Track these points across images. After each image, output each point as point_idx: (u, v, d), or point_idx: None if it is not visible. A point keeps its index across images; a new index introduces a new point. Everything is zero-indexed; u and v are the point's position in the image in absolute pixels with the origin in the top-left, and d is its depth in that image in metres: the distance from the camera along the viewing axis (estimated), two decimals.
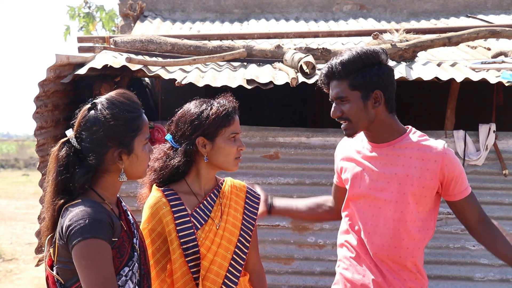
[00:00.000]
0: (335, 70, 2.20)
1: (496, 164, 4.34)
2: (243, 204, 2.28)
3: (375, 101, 2.20)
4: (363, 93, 2.18)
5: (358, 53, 2.18)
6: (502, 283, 4.29)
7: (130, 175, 1.88)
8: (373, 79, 2.18)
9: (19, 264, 8.43)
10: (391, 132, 2.26)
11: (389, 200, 2.22)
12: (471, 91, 5.30)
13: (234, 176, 4.29)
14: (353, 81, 2.18)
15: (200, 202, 2.19)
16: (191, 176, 2.21)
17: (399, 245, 2.23)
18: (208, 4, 6.64)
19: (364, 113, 2.20)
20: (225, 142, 2.17)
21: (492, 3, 6.56)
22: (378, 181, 2.25)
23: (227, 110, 2.18)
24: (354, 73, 2.18)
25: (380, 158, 2.26)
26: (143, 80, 5.72)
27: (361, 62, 2.17)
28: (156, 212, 2.13)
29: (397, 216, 2.22)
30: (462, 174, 2.25)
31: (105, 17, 10.68)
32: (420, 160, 2.21)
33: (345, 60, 2.18)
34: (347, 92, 2.19)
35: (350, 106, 2.20)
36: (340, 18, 6.56)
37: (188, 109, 2.19)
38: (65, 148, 1.81)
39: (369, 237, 2.26)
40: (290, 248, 4.35)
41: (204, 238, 2.14)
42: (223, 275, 2.14)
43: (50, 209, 1.81)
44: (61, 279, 1.79)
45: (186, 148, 2.14)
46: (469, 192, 2.27)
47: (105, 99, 1.84)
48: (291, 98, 6.95)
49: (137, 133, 1.84)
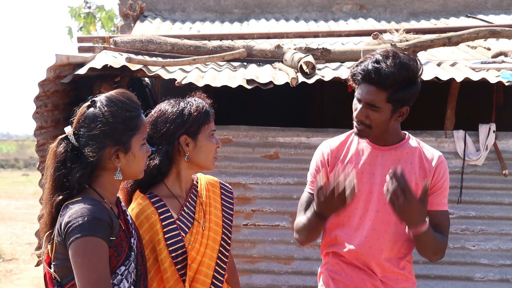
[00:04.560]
0: (382, 79, 2.10)
1: (496, 164, 4.34)
2: (220, 201, 2.26)
3: (399, 115, 2.19)
4: (394, 107, 2.15)
5: (406, 66, 2.10)
6: (502, 283, 4.29)
7: (127, 174, 1.88)
8: (409, 96, 2.14)
9: (19, 264, 8.43)
10: (394, 136, 2.27)
11: (386, 202, 2.22)
12: (471, 91, 5.30)
13: (235, 176, 4.35)
14: (392, 95, 2.12)
15: (183, 204, 2.16)
16: (171, 178, 2.16)
17: (392, 247, 2.24)
18: (208, 4, 6.64)
19: (387, 124, 2.18)
20: (206, 139, 2.15)
21: (492, 3, 6.56)
22: (379, 184, 2.24)
23: (205, 107, 2.17)
24: (396, 86, 2.11)
25: (381, 160, 2.25)
26: (143, 80, 5.71)
27: (406, 76, 2.11)
28: (145, 220, 2.07)
29: (393, 218, 2.21)
30: (447, 189, 2.26)
31: (105, 17, 10.68)
32: (418, 167, 2.24)
33: (396, 73, 2.09)
34: (382, 103, 2.13)
35: (378, 116, 2.15)
36: (340, 18, 6.56)
37: (165, 109, 2.14)
38: (63, 145, 1.82)
39: (368, 240, 2.25)
40: (290, 248, 4.36)
41: (193, 241, 2.11)
42: (211, 275, 2.13)
43: (48, 205, 1.82)
44: (57, 276, 1.79)
45: (168, 148, 2.10)
46: (444, 208, 2.26)
47: (105, 97, 1.85)
48: (291, 98, 6.95)
49: (135, 132, 1.84)
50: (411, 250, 2.29)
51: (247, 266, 4.33)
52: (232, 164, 4.37)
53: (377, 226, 2.24)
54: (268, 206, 4.36)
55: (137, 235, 1.95)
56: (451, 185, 4.29)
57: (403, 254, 2.28)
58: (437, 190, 2.24)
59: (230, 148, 4.35)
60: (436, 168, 2.23)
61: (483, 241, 4.32)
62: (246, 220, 4.35)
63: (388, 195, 2.03)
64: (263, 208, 4.36)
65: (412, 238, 2.16)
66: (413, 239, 2.16)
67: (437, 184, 2.24)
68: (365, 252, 2.25)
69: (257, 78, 4.03)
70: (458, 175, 4.32)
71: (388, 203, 2.16)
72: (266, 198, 4.37)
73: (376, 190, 2.25)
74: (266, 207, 4.37)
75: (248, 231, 4.35)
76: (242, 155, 4.39)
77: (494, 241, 4.31)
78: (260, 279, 4.35)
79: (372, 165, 2.26)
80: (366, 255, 2.25)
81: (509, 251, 4.30)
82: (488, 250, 4.31)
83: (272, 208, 4.36)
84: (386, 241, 2.24)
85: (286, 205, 4.34)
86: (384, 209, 2.23)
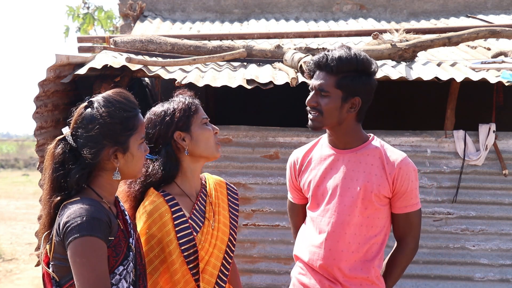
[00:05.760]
0: (329, 62, 2.19)
1: (496, 164, 4.34)
2: (227, 201, 2.28)
3: (351, 106, 2.22)
4: (344, 95, 2.20)
5: (356, 55, 2.19)
6: (502, 283, 4.29)
7: (125, 174, 1.88)
8: (359, 85, 2.19)
9: (19, 264, 8.43)
10: (355, 138, 2.28)
11: (349, 205, 2.24)
12: (471, 91, 5.31)
13: (235, 176, 4.34)
14: (341, 80, 2.18)
15: (194, 203, 2.18)
16: (180, 177, 2.18)
17: (355, 250, 2.24)
18: (208, 4, 6.64)
19: (337, 112, 2.21)
20: (200, 128, 2.16)
21: (492, 3, 6.56)
22: (339, 187, 2.26)
23: (187, 99, 2.19)
24: (345, 72, 2.18)
25: (342, 164, 2.27)
26: (143, 80, 5.71)
27: (355, 64, 2.18)
28: (158, 219, 2.07)
29: (355, 221, 2.23)
30: (413, 191, 2.26)
31: (103, 17, 10.69)
32: (380, 168, 2.24)
33: (342, 56, 2.18)
34: (331, 88, 2.20)
35: (328, 101, 2.20)
36: (340, 18, 6.56)
37: (150, 115, 2.18)
38: (61, 145, 1.82)
39: (328, 243, 2.26)
40: (290, 248, 4.33)
41: (204, 241, 2.12)
42: (216, 274, 2.14)
43: (46, 206, 1.82)
44: (56, 276, 1.79)
45: (167, 148, 2.12)
46: (411, 210, 2.27)
47: (102, 97, 1.85)
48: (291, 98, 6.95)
49: (132, 132, 1.85)
50: (379, 254, 2.27)
51: (247, 266, 4.33)
52: (232, 164, 4.37)
53: (336, 228, 2.24)
54: (268, 206, 4.36)
55: (136, 235, 1.95)
56: (451, 185, 4.32)
57: (370, 258, 2.26)
58: (402, 194, 2.24)
59: (230, 148, 4.35)
60: (399, 171, 2.22)
61: (483, 241, 4.32)
62: (246, 220, 4.35)
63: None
64: (263, 208, 4.36)
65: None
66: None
67: (402, 188, 2.23)
68: (325, 255, 2.25)
69: (257, 78, 4.03)
70: (458, 175, 4.32)
71: (347, 205, 2.18)
72: (266, 198, 4.37)
73: (337, 192, 2.26)
74: (266, 207, 4.37)
75: (248, 231, 4.35)
76: (242, 155, 4.39)
77: (494, 241, 4.31)
78: (260, 279, 4.35)
79: (334, 169, 2.28)
80: (326, 258, 2.25)
81: (509, 251, 4.30)
82: (488, 250, 4.31)
83: (272, 208, 4.36)
84: (345, 243, 2.24)
85: (286, 205, 4.33)
86: (344, 211, 2.24)
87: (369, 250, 2.25)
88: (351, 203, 2.23)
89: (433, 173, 4.31)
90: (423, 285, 4.28)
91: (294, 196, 2.51)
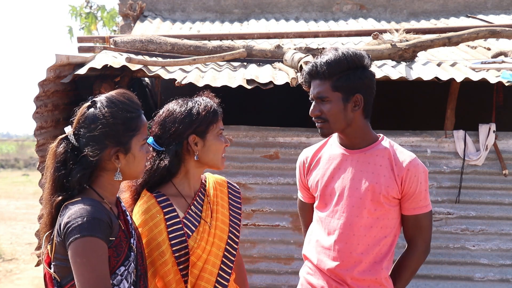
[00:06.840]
0: (319, 69, 2.19)
1: (496, 164, 4.34)
2: (228, 200, 2.28)
3: (354, 105, 2.20)
4: (344, 95, 2.18)
5: (344, 54, 2.17)
6: (502, 283, 4.29)
7: (127, 175, 1.88)
8: (355, 82, 2.18)
9: (19, 264, 8.43)
10: (364, 138, 2.27)
11: (357, 206, 2.23)
12: (471, 91, 5.31)
13: (235, 176, 4.34)
14: (336, 82, 2.17)
15: (190, 204, 2.17)
16: (179, 178, 2.17)
17: (364, 251, 2.23)
18: (208, 4, 6.64)
19: (342, 115, 2.20)
20: (215, 138, 2.16)
21: (492, 3, 6.56)
22: (347, 188, 2.25)
23: (213, 106, 2.18)
24: (338, 74, 2.17)
25: (350, 164, 2.26)
26: (143, 80, 5.72)
27: (345, 63, 2.17)
28: (150, 219, 2.08)
29: (364, 222, 2.22)
30: (422, 192, 2.23)
31: (107, 16, 10.69)
32: (389, 169, 2.22)
33: (330, 60, 2.17)
34: (329, 92, 2.19)
35: (330, 106, 2.19)
36: (340, 18, 6.56)
37: (173, 108, 2.15)
38: (63, 145, 1.82)
39: (336, 245, 2.25)
40: (290, 248, 4.36)
41: (200, 240, 2.12)
42: (216, 273, 2.13)
43: (48, 205, 1.82)
44: (57, 277, 1.79)
45: (177, 148, 2.11)
46: (422, 212, 2.25)
47: (105, 97, 1.85)
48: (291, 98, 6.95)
49: (135, 133, 1.84)
50: (388, 255, 2.26)
51: (247, 266, 4.33)
52: (232, 164, 4.37)
53: (345, 230, 2.23)
54: (268, 206, 4.36)
55: (137, 235, 1.95)
56: (451, 185, 4.32)
57: (379, 259, 2.24)
58: (411, 196, 2.22)
59: (230, 148, 4.35)
60: (408, 172, 2.20)
61: (483, 241, 4.32)
62: (246, 220, 4.35)
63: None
64: (263, 208, 4.37)
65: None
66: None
67: (410, 190, 2.21)
68: (334, 257, 2.24)
69: (257, 78, 4.03)
70: (458, 175, 4.32)
71: (355, 206, 2.17)
72: (266, 198, 4.37)
73: (345, 193, 2.25)
74: (266, 207, 4.37)
75: (248, 231, 4.35)
76: (242, 155, 4.39)
77: (494, 241, 4.31)
78: (260, 279, 4.35)
79: (342, 169, 2.27)
80: (335, 260, 2.24)
81: (509, 251, 4.30)
82: (488, 250, 4.31)
83: (272, 208, 4.36)
84: (354, 245, 2.22)
85: (286, 205, 4.34)
86: (352, 212, 2.23)
87: (378, 251, 2.23)
88: (359, 204, 2.22)
89: (433, 173, 4.31)
90: (423, 285, 4.28)
91: (304, 195, 2.51)
